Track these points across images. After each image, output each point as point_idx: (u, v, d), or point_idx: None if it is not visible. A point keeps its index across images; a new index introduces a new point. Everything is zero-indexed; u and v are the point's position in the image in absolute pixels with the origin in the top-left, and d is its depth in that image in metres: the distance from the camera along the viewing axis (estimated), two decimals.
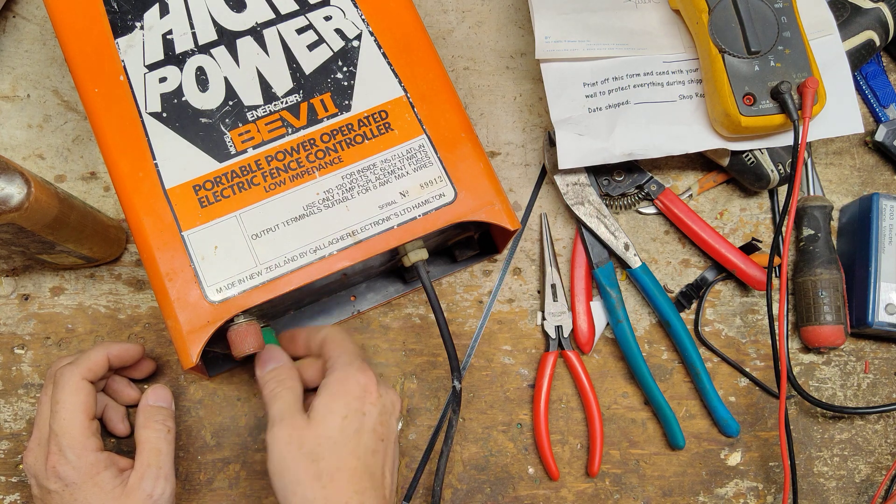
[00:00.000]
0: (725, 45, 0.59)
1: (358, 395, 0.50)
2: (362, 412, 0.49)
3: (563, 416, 0.64)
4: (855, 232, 0.66)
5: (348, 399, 0.49)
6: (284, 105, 0.56)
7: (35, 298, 0.63)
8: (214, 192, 0.54)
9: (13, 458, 0.61)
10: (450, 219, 0.54)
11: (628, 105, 0.62)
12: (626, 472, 0.64)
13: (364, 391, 0.50)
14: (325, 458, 0.48)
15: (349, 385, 0.50)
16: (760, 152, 0.63)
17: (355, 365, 0.51)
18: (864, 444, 0.65)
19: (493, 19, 0.71)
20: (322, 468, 0.48)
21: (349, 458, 0.48)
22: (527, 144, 0.69)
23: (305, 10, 0.58)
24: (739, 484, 0.64)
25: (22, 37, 0.68)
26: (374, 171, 0.55)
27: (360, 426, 0.49)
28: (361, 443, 0.49)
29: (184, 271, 0.52)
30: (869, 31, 0.65)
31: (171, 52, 0.56)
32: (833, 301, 0.64)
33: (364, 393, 0.50)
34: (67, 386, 0.52)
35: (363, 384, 0.50)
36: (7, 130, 0.66)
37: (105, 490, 0.51)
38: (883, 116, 0.70)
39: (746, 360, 0.66)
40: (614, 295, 0.64)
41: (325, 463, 0.48)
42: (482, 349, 0.65)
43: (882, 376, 0.66)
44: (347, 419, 0.49)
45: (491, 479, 0.63)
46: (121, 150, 0.54)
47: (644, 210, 0.67)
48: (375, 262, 0.58)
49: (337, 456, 0.48)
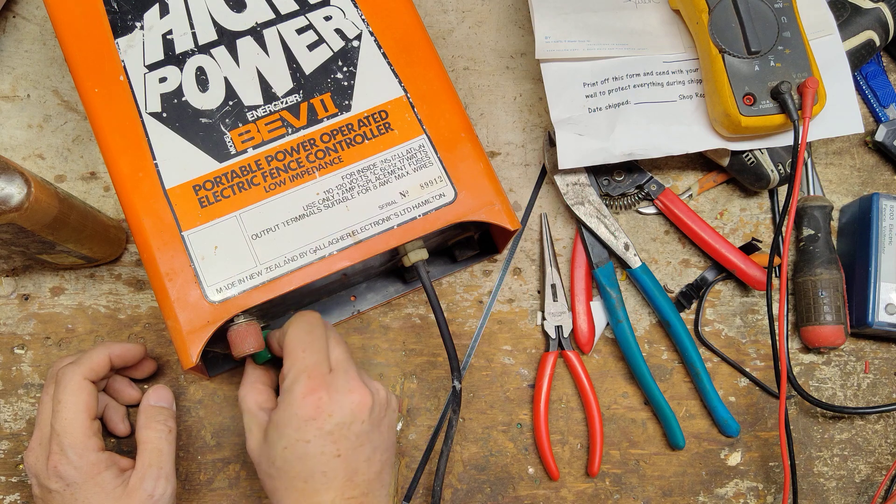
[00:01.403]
0: (725, 45, 0.59)
1: (298, 424, 0.47)
2: (306, 440, 0.47)
3: (563, 416, 0.64)
4: (855, 232, 0.66)
5: (288, 430, 0.48)
6: (284, 105, 0.56)
7: (35, 298, 0.63)
8: (214, 192, 0.54)
9: (13, 458, 0.61)
10: (450, 219, 0.54)
11: (628, 105, 0.62)
12: (626, 472, 0.64)
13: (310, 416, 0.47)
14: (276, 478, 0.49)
15: (288, 414, 0.48)
16: (760, 152, 0.63)
17: (299, 385, 0.48)
18: (864, 444, 0.65)
19: (493, 19, 0.71)
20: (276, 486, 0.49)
21: (295, 481, 0.48)
22: (527, 144, 0.69)
23: (305, 10, 0.58)
24: (739, 484, 0.64)
25: (22, 37, 0.68)
26: (374, 171, 0.55)
27: (303, 453, 0.48)
28: (306, 467, 0.48)
29: (184, 271, 0.52)
30: (869, 31, 0.65)
31: (171, 52, 0.56)
32: (833, 301, 0.64)
33: (307, 420, 0.47)
34: (69, 386, 0.52)
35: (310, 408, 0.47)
36: (7, 130, 0.66)
37: (106, 490, 0.51)
38: (883, 116, 0.70)
39: (746, 360, 0.66)
40: (614, 295, 0.64)
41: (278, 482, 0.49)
42: (482, 349, 0.65)
43: (882, 376, 0.66)
44: (288, 450, 0.48)
45: (491, 479, 0.63)
46: (121, 150, 0.54)
47: (644, 210, 0.67)
48: (375, 262, 0.58)
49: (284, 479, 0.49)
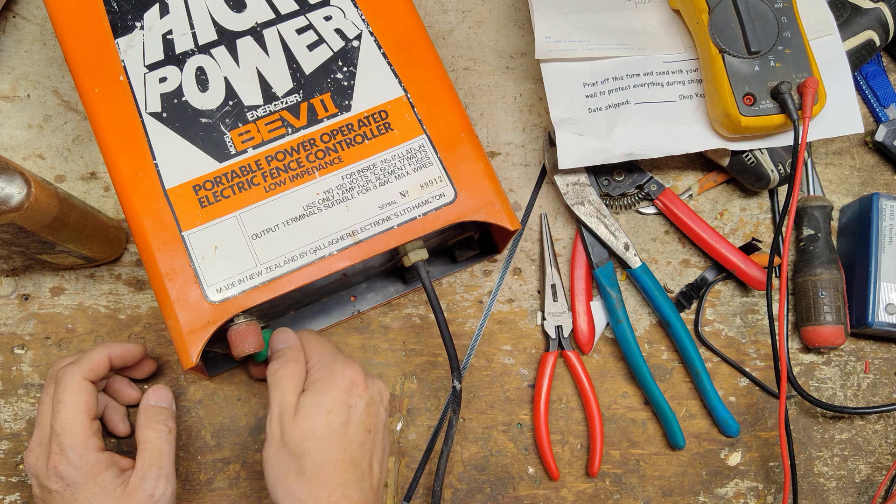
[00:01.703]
0: (725, 45, 0.59)
1: (344, 388, 0.50)
2: (349, 405, 0.50)
3: (563, 416, 0.64)
4: (855, 232, 0.66)
5: (334, 393, 0.50)
6: (284, 105, 0.56)
7: (35, 298, 0.63)
8: (214, 192, 0.54)
9: (13, 458, 0.61)
10: (450, 219, 0.54)
11: (628, 105, 0.62)
12: (626, 472, 0.64)
13: (351, 384, 0.50)
14: (310, 452, 0.48)
15: (335, 379, 0.50)
16: (760, 152, 0.63)
17: (340, 359, 0.52)
18: (864, 444, 0.65)
19: (493, 19, 0.71)
20: (306, 464, 0.48)
21: (335, 451, 0.49)
22: (527, 144, 0.69)
23: (305, 10, 0.58)
24: (739, 484, 0.64)
25: (22, 37, 0.68)
26: (374, 171, 0.55)
27: (346, 418, 0.50)
28: (348, 435, 0.49)
29: (184, 271, 0.52)
30: (869, 31, 0.65)
31: (171, 52, 0.56)
32: (833, 301, 0.64)
33: (351, 385, 0.50)
34: (69, 386, 0.52)
35: (350, 377, 0.51)
36: (7, 130, 0.66)
37: (106, 490, 0.51)
38: (883, 116, 0.70)
39: (746, 360, 0.66)
40: (614, 295, 0.64)
41: (310, 458, 0.48)
42: (482, 349, 0.65)
43: (882, 376, 0.66)
44: (333, 413, 0.49)
45: (491, 479, 0.63)
46: (121, 150, 0.54)
47: (644, 210, 0.67)
48: (375, 262, 0.58)
49: (322, 450, 0.49)
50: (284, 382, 0.50)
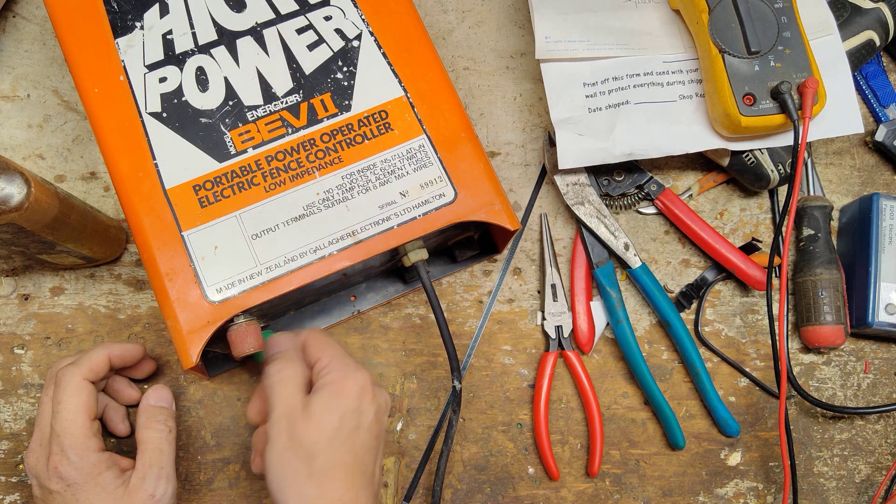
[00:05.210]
0: (725, 45, 0.59)
1: (357, 394, 0.50)
2: (360, 411, 0.50)
3: (563, 416, 0.64)
4: (855, 232, 0.66)
5: (348, 398, 0.49)
6: (284, 105, 0.56)
7: (35, 298, 0.63)
8: (214, 192, 0.54)
9: (13, 458, 0.61)
10: (450, 219, 0.54)
11: (628, 105, 0.62)
12: (626, 472, 0.64)
13: (362, 390, 0.50)
14: (320, 456, 0.48)
15: (348, 384, 0.50)
16: (760, 152, 0.63)
17: (351, 364, 0.51)
18: (864, 444, 0.65)
19: (493, 19, 0.71)
20: (316, 467, 0.48)
21: (345, 456, 0.49)
22: (527, 144, 0.69)
23: (305, 10, 0.58)
24: (739, 484, 0.64)
25: (22, 37, 0.68)
26: (374, 171, 0.55)
27: (357, 424, 0.49)
28: (358, 440, 0.49)
29: (184, 271, 0.52)
30: (869, 31, 0.65)
31: (171, 52, 0.56)
32: (833, 301, 0.64)
33: (362, 392, 0.50)
34: (69, 386, 0.52)
35: (361, 383, 0.50)
36: (7, 130, 0.66)
37: (107, 490, 0.51)
38: (883, 116, 0.70)
39: (746, 360, 0.66)
40: (614, 295, 0.64)
41: (320, 461, 0.48)
42: (482, 349, 0.65)
43: (882, 376, 0.66)
44: (346, 417, 0.49)
45: (491, 479, 0.63)
46: (121, 150, 0.54)
47: (644, 210, 0.67)
48: (375, 262, 0.58)
49: (333, 454, 0.48)
50: (288, 384, 0.50)
